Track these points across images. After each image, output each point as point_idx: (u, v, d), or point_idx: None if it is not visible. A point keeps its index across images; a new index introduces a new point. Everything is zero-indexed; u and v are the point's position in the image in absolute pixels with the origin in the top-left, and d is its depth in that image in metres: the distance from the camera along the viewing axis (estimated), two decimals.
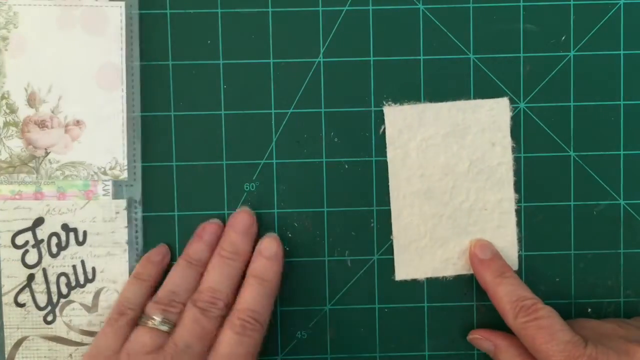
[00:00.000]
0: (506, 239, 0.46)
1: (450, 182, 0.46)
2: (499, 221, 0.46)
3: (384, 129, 0.46)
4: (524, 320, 0.42)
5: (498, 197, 0.46)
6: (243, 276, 0.44)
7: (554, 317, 0.42)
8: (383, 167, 0.46)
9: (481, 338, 0.46)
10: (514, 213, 0.46)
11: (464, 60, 0.46)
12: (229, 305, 0.43)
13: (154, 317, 0.43)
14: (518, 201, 0.46)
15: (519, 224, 0.47)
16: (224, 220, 0.47)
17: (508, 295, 0.43)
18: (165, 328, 0.42)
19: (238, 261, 0.44)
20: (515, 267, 0.46)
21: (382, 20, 0.46)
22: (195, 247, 0.45)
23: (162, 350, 0.41)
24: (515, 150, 0.46)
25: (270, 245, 0.44)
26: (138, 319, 0.43)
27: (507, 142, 0.46)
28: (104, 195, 0.46)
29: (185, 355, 0.41)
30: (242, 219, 0.45)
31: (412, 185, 0.46)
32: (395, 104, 0.46)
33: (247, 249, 0.45)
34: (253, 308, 0.43)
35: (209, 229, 0.45)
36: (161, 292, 0.44)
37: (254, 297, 0.43)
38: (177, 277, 0.44)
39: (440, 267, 0.46)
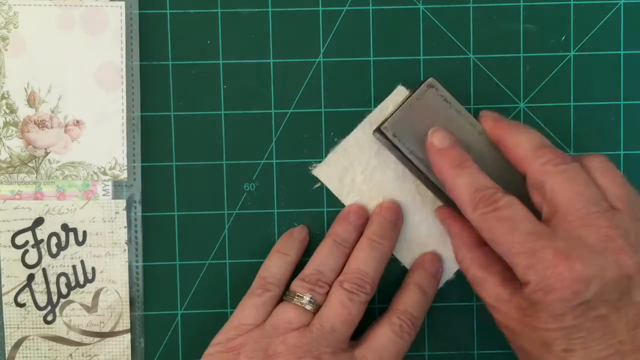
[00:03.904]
0: None
1: (412, 186, 0.46)
2: None
3: (321, 185, 0.46)
4: (483, 211, 0.38)
5: None
6: None
7: (516, 206, 0.38)
8: None
9: (441, 218, 0.44)
10: None
11: (464, 60, 0.46)
12: (374, 290, 0.43)
13: (301, 295, 0.43)
14: None
15: None
16: (224, 220, 0.47)
17: (467, 185, 0.39)
18: (310, 308, 0.43)
19: (386, 246, 0.45)
20: None
21: (382, 20, 0.46)
22: (343, 228, 0.45)
23: (308, 329, 0.42)
24: None
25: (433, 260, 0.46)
26: (283, 295, 0.44)
27: None
28: (103, 195, 0.46)
29: (330, 337, 0.42)
30: (393, 208, 0.45)
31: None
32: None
33: (394, 239, 0.45)
34: (412, 312, 0.44)
35: (355, 211, 0.45)
36: (308, 270, 0.44)
37: (414, 303, 0.44)
38: (324, 255, 0.44)
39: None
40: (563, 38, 0.46)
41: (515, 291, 0.38)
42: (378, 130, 0.43)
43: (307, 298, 0.43)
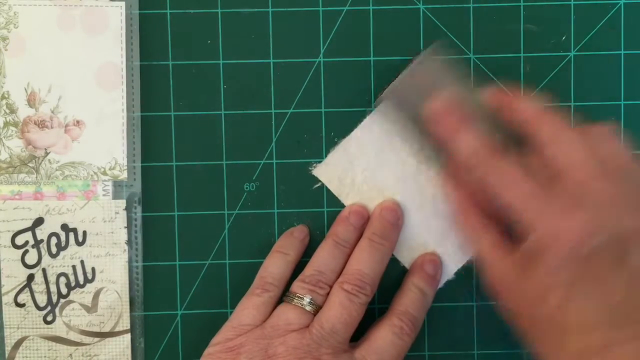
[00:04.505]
0: None
1: (412, 187, 0.46)
2: None
3: (321, 185, 0.46)
4: (487, 167, 0.40)
5: None
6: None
7: (518, 166, 0.39)
8: None
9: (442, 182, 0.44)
10: None
11: (464, 61, 0.46)
12: (374, 292, 0.44)
13: (301, 296, 0.43)
14: None
15: None
16: (224, 220, 0.47)
17: (470, 142, 0.41)
18: (310, 309, 0.43)
19: (386, 247, 0.45)
20: None
21: (382, 20, 0.46)
22: (343, 228, 0.45)
23: (308, 330, 0.42)
24: None
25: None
26: (284, 296, 0.44)
27: None
28: (103, 195, 0.46)
29: (330, 338, 0.42)
30: (393, 209, 0.45)
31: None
32: None
33: (395, 239, 0.45)
34: (413, 313, 0.44)
35: (355, 212, 0.45)
36: (308, 271, 0.44)
37: (414, 304, 0.44)
38: (324, 256, 0.44)
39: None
40: (563, 38, 0.46)
41: (514, 248, 0.39)
42: (380, 94, 0.44)
43: (307, 299, 0.43)
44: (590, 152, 0.39)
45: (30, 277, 0.46)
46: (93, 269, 0.46)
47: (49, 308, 0.46)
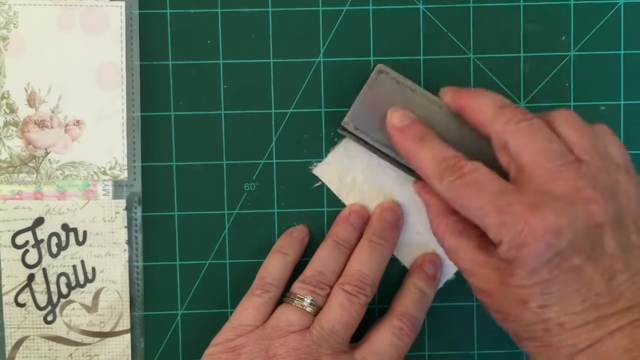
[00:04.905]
0: None
1: (410, 185, 0.46)
2: None
3: (321, 184, 0.46)
4: (449, 180, 0.38)
5: None
6: None
7: (481, 169, 0.38)
8: None
9: (417, 191, 0.43)
10: None
11: (464, 60, 0.46)
12: (374, 292, 0.44)
13: (302, 297, 0.43)
14: None
15: None
16: (224, 220, 0.47)
17: (431, 158, 0.40)
18: (310, 310, 0.43)
19: (387, 248, 0.45)
20: None
21: (382, 20, 0.46)
22: (343, 228, 0.45)
23: (308, 331, 0.42)
24: None
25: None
26: (284, 296, 0.44)
27: None
28: (103, 195, 0.46)
29: (330, 339, 0.42)
30: (393, 209, 0.45)
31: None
32: None
33: (395, 240, 0.45)
34: (413, 313, 0.44)
35: (356, 212, 0.45)
36: (308, 272, 0.44)
37: (414, 304, 0.44)
38: (325, 256, 0.44)
39: None
40: (563, 38, 0.46)
41: (491, 254, 0.38)
42: (340, 127, 0.43)
43: (308, 300, 0.43)
44: (551, 140, 0.38)
45: (31, 277, 0.46)
46: (93, 269, 0.46)
47: (49, 308, 0.46)
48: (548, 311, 0.36)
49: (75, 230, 0.46)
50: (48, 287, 0.46)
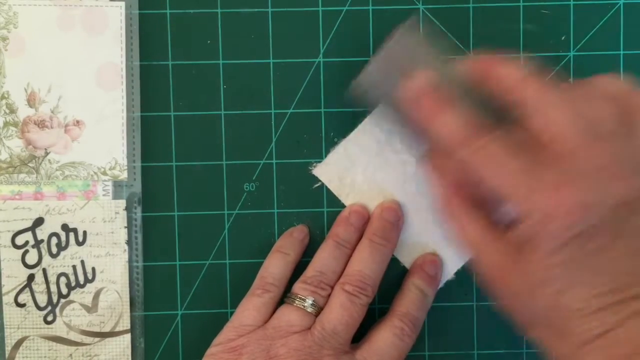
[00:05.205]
0: None
1: (413, 187, 0.46)
2: None
3: (321, 185, 0.46)
4: (473, 147, 0.37)
5: None
6: None
7: (507, 139, 0.37)
8: None
9: (425, 167, 0.42)
10: None
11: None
12: (375, 292, 0.43)
13: (303, 297, 0.43)
14: None
15: None
16: (224, 220, 0.47)
17: (452, 124, 0.38)
18: (312, 310, 0.43)
19: (387, 248, 0.45)
20: None
21: (382, 20, 0.46)
22: (344, 229, 0.45)
23: (309, 332, 0.42)
24: None
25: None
26: (285, 297, 0.44)
27: None
28: (103, 195, 0.46)
29: (331, 340, 0.42)
30: (394, 209, 0.45)
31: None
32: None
33: (395, 240, 0.45)
34: (413, 314, 0.44)
35: (356, 212, 0.45)
36: (309, 272, 0.44)
37: (415, 305, 0.44)
38: (326, 257, 0.44)
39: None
40: (563, 38, 0.46)
41: (504, 233, 0.37)
42: (351, 89, 0.42)
43: (309, 301, 0.43)
44: (577, 116, 0.36)
45: (31, 277, 0.46)
46: (93, 269, 0.46)
47: (49, 308, 0.46)
48: (566, 295, 0.35)
49: (75, 230, 0.46)
50: (48, 287, 0.46)
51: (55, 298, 0.46)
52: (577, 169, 0.35)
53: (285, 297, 0.44)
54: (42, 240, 0.46)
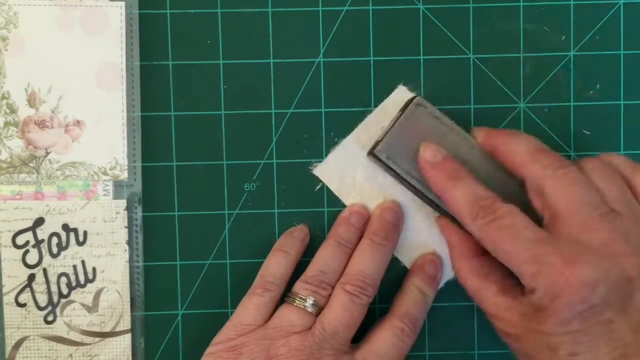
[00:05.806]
0: None
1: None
2: None
3: (322, 186, 0.46)
4: (483, 221, 0.39)
5: None
6: None
7: (517, 213, 0.39)
8: None
9: (440, 228, 0.44)
10: None
11: (464, 60, 0.46)
12: (376, 292, 0.44)
13: (304, 297, 0.43)
14: None
15: None
16: (224, 220, 0.47)
17: (465, 196, 0.40)
18: (313, 310, 0.43)
19: (387, 248, 0.45)
20: None
21: (382, 20, 0.46)
22: (344, 228, 0.45)
23: (310, 332, 0.42)
24: None
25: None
26: (285, 297, 0.44)
27: None
28: (104, 195, 0.46)
29: (332, 340, 0.42)
30: (394, 209, 0.45)
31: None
32: None
33: (395, 240, 0.45)
34: (413, 314, 0.44)
35: (356, 212, 0.45)
36: (310, 271, 0.44)
37: (415, 305, 0.44)
38: (326, 257, 0.44)
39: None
40: (563, 38, 0.46)
41: (517, 298, 0.39)
42: (371, 153, 0.44)
43: (310, 301, 0.43)
44: (587, 190, 0.38)
45: (31, 277, 0.46)
46: (94, 269, 0.46)
47: (49, 308, 0.46)
48: (577, 359, 0.37)
49: (75, 230, 0.46)
50: (48, 287, 0.46)
51: (55, 298, 0.46)
52: (582, 246, 0.37)
53: (285, 296, 0.44)
54: (42, 240, 0.46)
